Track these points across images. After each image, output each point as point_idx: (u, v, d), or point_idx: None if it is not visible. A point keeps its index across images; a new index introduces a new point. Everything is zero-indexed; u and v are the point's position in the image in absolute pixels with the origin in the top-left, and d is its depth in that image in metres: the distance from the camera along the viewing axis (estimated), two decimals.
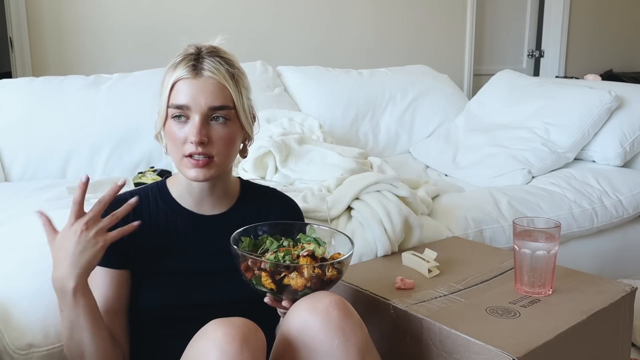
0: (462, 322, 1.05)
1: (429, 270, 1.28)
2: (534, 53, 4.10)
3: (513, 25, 4.00)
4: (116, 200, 1.07)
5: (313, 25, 3.05)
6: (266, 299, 0.98)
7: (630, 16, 4.34)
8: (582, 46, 4.12)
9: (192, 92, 0.99)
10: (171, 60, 1.03)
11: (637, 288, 1.24)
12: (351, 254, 1.00)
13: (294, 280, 0.93)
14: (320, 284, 0.95)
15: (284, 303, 0.97)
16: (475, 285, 1.23)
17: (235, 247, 0.97)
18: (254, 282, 0.96)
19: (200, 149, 0.99)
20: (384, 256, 1.43)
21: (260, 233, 1.06)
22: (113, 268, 1.04)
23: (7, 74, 2.44)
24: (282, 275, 0.94)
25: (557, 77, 3.93)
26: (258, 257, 0.98)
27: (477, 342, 0.98)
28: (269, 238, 1.06)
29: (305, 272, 0.94)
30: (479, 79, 3.68)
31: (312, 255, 0.98)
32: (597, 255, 1.98)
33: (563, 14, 3.94)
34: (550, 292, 1.17)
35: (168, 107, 1.01)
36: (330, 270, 0.96)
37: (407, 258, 1.35)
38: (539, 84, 2.48)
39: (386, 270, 1.34)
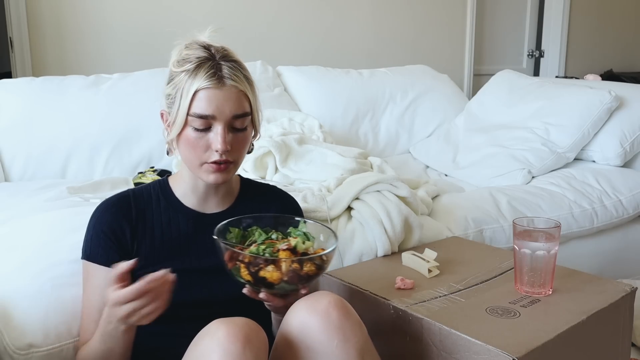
0: (462, 322, 1.05)
1: (429, 270, 1.28)
2: (534, 53, 4.10)
3: (513, 25, 4.00)
4: (118, 199, 1.08)
5: (313, 26, 3.05)
6: (244, 290, 0.98)
7: (630, 16, 4.34)
8: (582, 46, 4.12)
9: (217, 103, 0.99)
10: (180, 60, 1.02)
11: (637, 288, 1.24)
12: (332, 250, 0.99)
13: (269, 274, 0.93)
14: (297, 278, 0.94)
15: (261, 295, 0.97)
16: (475, 285, 1.23)
17: (216, 237, 0.97)
18: (234, 273, 0.96)
19: (224, 157, 1.01)
20: (384, 256, 1.43)
21: (244, 225, 1.06)
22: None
23: (7, 74, 2.43)
24: (258, 267, 0.94)
25: (557, 77, 3.93)
26: (232, 247, 0.98)
27: (477, 342, 0.98)
28: (259, 230, 1.06)
29: (283, 266, 0.94)
30: (479, 79, 3.68)
31: (292, 250, 0.97)
32: (597, 255, 1.98)
33: (563, 14, 3.94)
34: (550, 292, 1.17)
35: (189, 115, 1.00)
36: (308, 266, 0.95)
37: (407, 258, 1.35)
38: (539, 84, 2.48)
39: (386, 270, 1.34)
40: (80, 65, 2.49)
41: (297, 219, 1.09)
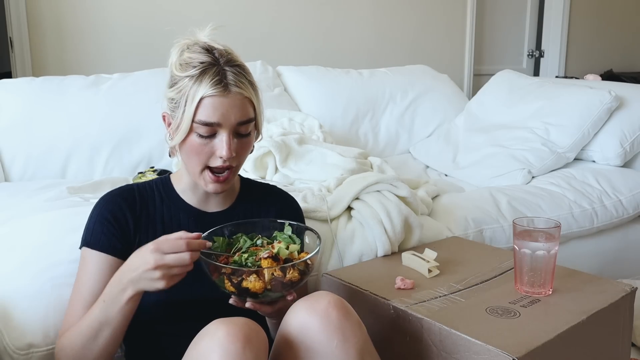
0: (462, 322, 1.05)
1: (429, 270, 1.28)
2: (534, 53, 4.10)
3: (513, 25, 4.00)
4: (123, 190, 1.10)
5: (313, 26, 3.05)
6: (231, 300, 0.98)
7: (630, 16, 4.34)
8: (582, 46, 4.12)
9: (222, 110, 0.99)
10: (182, 63, 1.01)
11: (637, 288, 1.24)
12: (315, 254, 0.98)
13: (252, 284, 0.93)
14: (281, 286, 0.94)
15: (247, 305, 0.97)
16: (475, 285, 1.23)
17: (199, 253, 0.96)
18: (218, 284, 0.96)
19: (227, 163, 1.01)
20: (384, 256, 1.43)
21: (228, 233, 1.06)
22: (113, 255, 1.04)
23: (7, 74, 2.43)
24: (241, 278, 0.93)
25: (557, 77, 3.93)
26: (215, 258, 0.98)
27: (477, 342, 0.98)
28: (243, 236, 1.05)
29: (265, 275, 0.93)
30: (479, 79, 3.68)
31: (274, 257, 0.97)
32: (597, 255, 1.98)
33: (563, 14, 3.94)
34: (550, 292, 1.17)
35: (194, 122, 0.99)
36: (290, 272, 0.95)
37: (407, 258, 1.35)
38: (539, 84, 2.48)
39: (386, 270, 1.34)
40: (80, 65, 2.49)
41: (279, 221, 1.08)
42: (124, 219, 1.06)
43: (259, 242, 1.05)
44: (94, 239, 1.04)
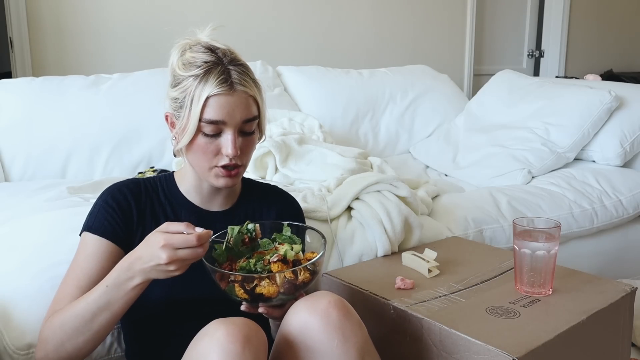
0: (462, 322, 1.05)
1: (429, 270, 1.28)
2: (534, 53, 4.10)
3: (513, 25, 4.00)
4: (130, 182, 1.10)
5: (313, 26, 3.05)
6: (242, 307, 0.97)
7: (630, 16, 4.34)
8: (582, 46, 4.12)
9: (228, 108, 0.99)
10: (185, 63, 1.01)
11: (637, 288, 1.24)
12: (323, 254, 0.98)
13: (265, 289, 0.92)
14: (294, 288, 0.94)
15: (261, 310, 0.96)
16: (475, 285, 1.23)
17: (205, 261, 0.95)
18: (229, 293, 0.95)
19: (234, 161, 1.02)
20: (384, 256, 1.43)
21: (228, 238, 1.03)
22: (114, 242, 1.03)
23: (7, 74, 2.44)
24: (253, 285, 0.92)
25: (557, 77, 3.93)
26: (219, 266, 0.97)
27: (477, 342, 0.98)
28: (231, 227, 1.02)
29: (278, 279, 0.92)
30: (479, 79, 3.69)
31: (283, 260, 0.96)
32: (597, 255, 1.98)
33: (563, 14, 3.94)
34: (550, 292, 1.17)
35: (200, 121, 0.99)
36: (302, 274, 0.94)
37: (407, 258, 1.35)
38: (539, 84, 2.48)
39: (386, 270, 1.34)
40: (80, 65, 2.49)
41: (281, 222, 1.08)
42: (128, 208, 1.06)
43: (249, 226, 1.02)
44: (96, 224, 1.04)
